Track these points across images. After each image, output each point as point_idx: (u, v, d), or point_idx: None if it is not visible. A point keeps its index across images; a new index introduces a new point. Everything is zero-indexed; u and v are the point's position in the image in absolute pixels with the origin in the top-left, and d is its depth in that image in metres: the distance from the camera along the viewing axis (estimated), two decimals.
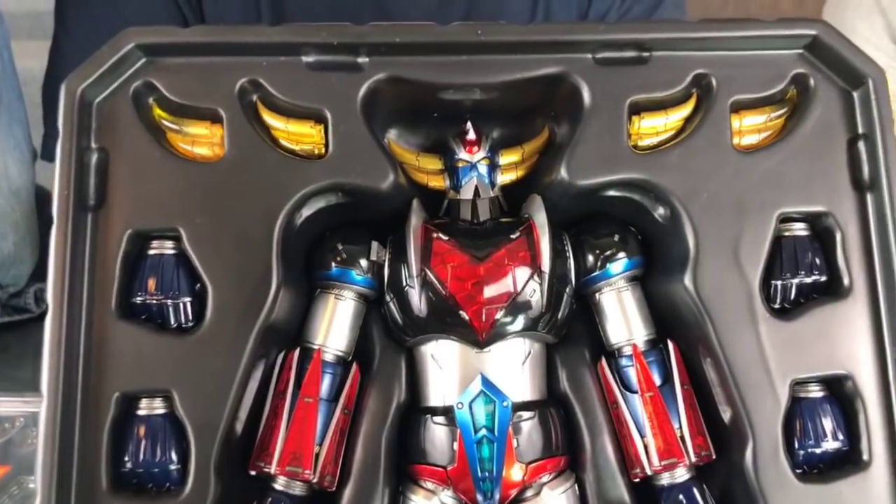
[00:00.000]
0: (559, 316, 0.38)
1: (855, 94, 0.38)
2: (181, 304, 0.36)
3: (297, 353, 0.38)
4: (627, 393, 0.38)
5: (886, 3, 0.78)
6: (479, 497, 0.37)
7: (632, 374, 0.38)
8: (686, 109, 0.38)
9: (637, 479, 0.38)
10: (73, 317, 0.34)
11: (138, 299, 0.36)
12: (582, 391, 0.39)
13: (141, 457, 0.35)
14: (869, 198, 0.37)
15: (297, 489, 0.36)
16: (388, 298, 0.39)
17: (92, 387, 0.35)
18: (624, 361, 0.39)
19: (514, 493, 0.37)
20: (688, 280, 0.37)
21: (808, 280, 0.37)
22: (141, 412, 0.35)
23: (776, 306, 0.37)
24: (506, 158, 0.41)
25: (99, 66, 0.36)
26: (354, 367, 0.39)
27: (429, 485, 0.38)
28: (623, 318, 0.39)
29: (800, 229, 0.38)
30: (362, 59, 0.37)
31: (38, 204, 0.90)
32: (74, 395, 0.34)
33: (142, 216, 0.36)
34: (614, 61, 0.38)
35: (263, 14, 0.69)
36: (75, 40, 0.79)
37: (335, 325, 0.39)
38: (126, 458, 0.35)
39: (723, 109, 0.38)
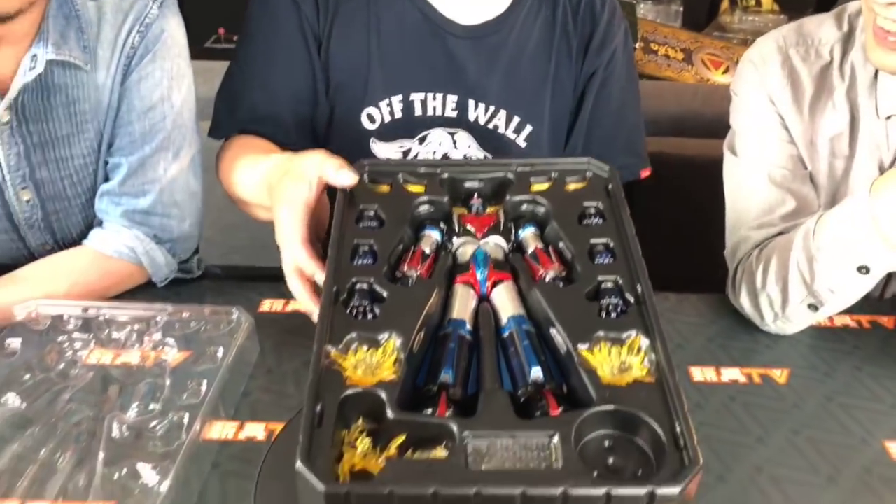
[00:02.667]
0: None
1: (605, 177, 1.10)
2: (375, 223, 1.03)
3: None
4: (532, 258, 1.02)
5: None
6: (481, 285, 0.99)
7: (536, 253, 1.03)
8: (549, 182, 1.10)
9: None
10: (342, 208, 1.02)
11: (360, 225, 1.03)
12: (519, 263, 1.03)
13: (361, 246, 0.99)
14: (610, 200, 1.06)
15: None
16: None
17: (346, 236, 1.00)
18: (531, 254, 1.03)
19: (490, 287, 0.99)
20: (555, 225, 1.04)
21: (594, 222, 1.04)
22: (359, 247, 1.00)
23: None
24: (487, 208, 1.11)
25: (352, 163, 1.10)
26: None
27: (464, 284, 0.99)
28: (533, 241, 1.05)
29: (593, 210, 1.06)
30: (438, 170, 1.11)
31: None
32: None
33: (362, 201, 1.06)
34: (524, 174, 1.11)
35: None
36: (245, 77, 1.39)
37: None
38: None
39: (563, 182, 1.10)
